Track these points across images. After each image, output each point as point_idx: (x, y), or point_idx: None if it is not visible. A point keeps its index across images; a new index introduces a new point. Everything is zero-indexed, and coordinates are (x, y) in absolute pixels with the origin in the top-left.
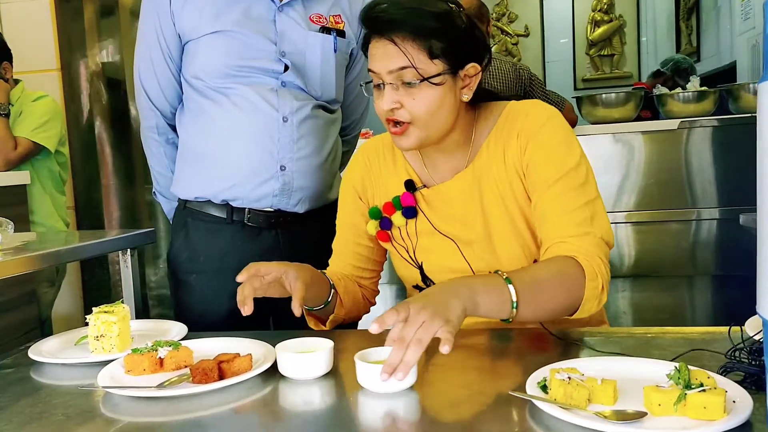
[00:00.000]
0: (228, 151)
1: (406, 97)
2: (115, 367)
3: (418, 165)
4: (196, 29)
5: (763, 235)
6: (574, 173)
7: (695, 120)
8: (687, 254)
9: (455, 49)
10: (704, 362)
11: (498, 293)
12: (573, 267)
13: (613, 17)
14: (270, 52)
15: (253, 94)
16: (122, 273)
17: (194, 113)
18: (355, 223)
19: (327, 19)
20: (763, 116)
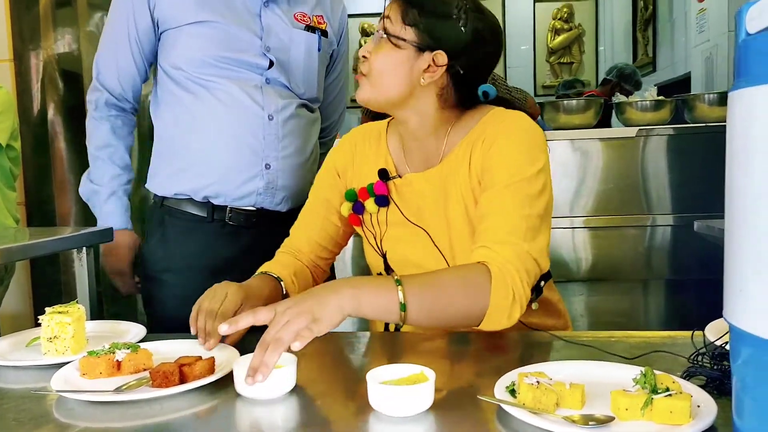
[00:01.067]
0: (211, 148)
1: (374, 49)
2: (70, 370)
3: (398, 154)
4: (178, 18)
5: (730, 243)
6: (527, 183)
7: (652, 128)
8: (642, 259)
9: (431, 30)
10: (667, 366)
11: (385, 293)
12: (480, 274)
13: (572, 26)
14: (255, 45)
15: (237, 90)
16: (77, 272)
17: (171, 106)
18: (329, 199)
19: (310, 18)
20: (734, 124)
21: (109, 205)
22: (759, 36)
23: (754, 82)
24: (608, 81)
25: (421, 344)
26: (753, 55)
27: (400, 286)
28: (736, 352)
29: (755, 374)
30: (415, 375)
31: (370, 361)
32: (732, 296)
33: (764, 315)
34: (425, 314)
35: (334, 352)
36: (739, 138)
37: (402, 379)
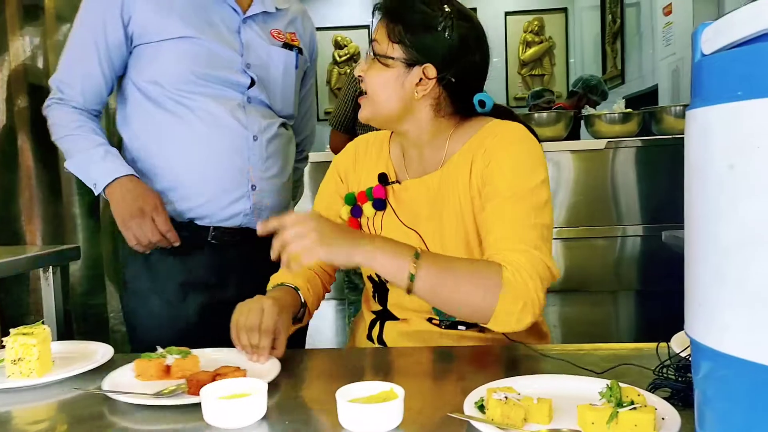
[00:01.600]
0: (196, 169)
1: (367, 69)
2: (126, 371)
3: (398, 161)
4: (157, 32)
5: (690, 258)
6: (531, 194)
7: (621, 140)
8: (612, 270)
9: (417, 45)
10: (633, 378)
11: (399, 259)
12: (493, 274)
13: (543, 39)
14: (236, 62)
15: (220, 109)
16: (44, 291)
17: (147, 124)
18: (332, 204)
19: (285, 36)
20: (691, 143)
21: (108, 161)
22: (714, 57)
23: (709, 101)
24: (575, 93)
25: (396, 361)
26: (708, 75)
27: (416, 260)
28: (697, 366)
29: (716, 387)
30: (385, 392)
31: (342, 378)
32: (692, 311)
33: (724, 329)
34: (430, 291)
35: (309, 368)
36: (696, 156)
37: (371, 397)
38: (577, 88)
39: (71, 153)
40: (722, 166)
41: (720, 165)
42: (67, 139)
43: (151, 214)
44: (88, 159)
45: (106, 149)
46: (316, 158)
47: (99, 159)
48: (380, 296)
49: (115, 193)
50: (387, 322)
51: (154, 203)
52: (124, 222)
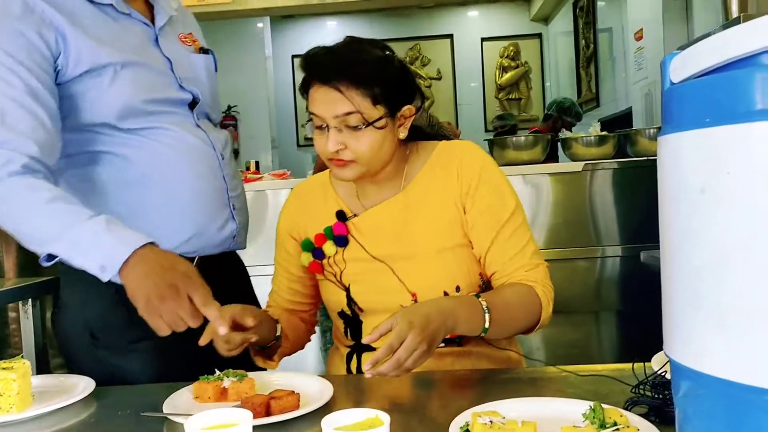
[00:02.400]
0: (179, 202)
1: (350, 139)
2: (184, 393)
3: (349, 196)
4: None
5: (666, 280)
6: (517, 213)
7: (597, 162)
8: (593, 291)
9: (394, 93)
10: (614, 397)
11: (476, 322)
12: (533, 296)
13: (519, 63)
14: (171, 80)
15: (182, 132)
16: (23, 325)
17: (107, 164)
18: (288, 260)
19: (188, 37)
20: (663, 168)
21: (115, 233)
22: (682, 85)
23: (679, 128)
24: (550, 116)
25: (381, 388)
26: (677, 102)
27: (488, 314)
28: (676, 386)
29: (695, 407)
30: (370, 419)
31: (328, 406)
32: (670, 331)
33: (700, 350)
34: (497, 332)
35: None
36: (669, 181)
37: (357, 424)
38: (552, 111)
39: (49, 235)
40: (694, 190)
41: (692, 189)
42: (42, 218)
43: (186, 290)
44: (83, 237)
45: (107, 218)
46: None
47: (101, 231)
48: (353, 331)
49: (133, 272)
50: (363, 353)
51: (189, 277)
52: (151, 305)
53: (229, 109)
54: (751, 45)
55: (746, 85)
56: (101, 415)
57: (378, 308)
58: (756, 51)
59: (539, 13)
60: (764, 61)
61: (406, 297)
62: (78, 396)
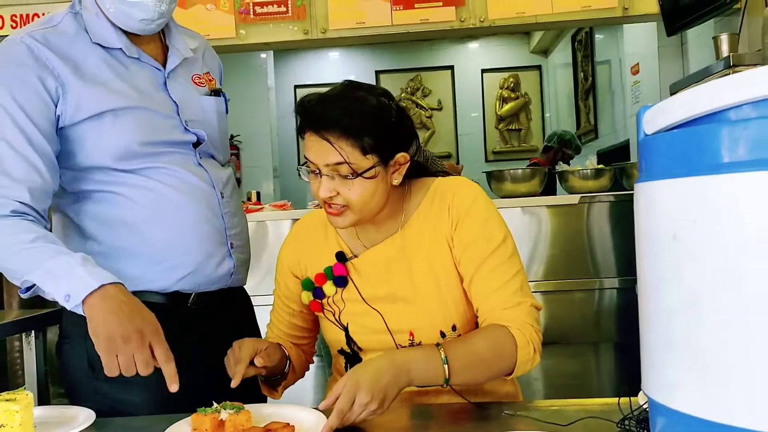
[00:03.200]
0: (174, 237)
1: (342, 186)
2: (183, 425)
3: (349, 236)
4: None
5: (642, 321)
6: (503, 247)
7: (594, 195)
8: (591, 322)
9: (386, 142)
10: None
11: (434, 372)
12: (506, 337)
13: (519, 95)
14: (176, 124)
15: (182, 171)
16: (25, 356)
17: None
18: (289, 295)
19: (203, 78)
20: (639, 214)
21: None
22: (655, 137)
23: (652, 177)
24: (550, 148)
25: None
26: (650, 153)
27: (446, 363)
28: (653, 422)
29: None
30: None
31: None
32: (647, 370)
33: (674, 388)
34: (464, 380)
35: None
36: (644, 226)
37: None
38: (552, 143)
39: (29, 267)
40: (666, 236)
41: (664, 235)
42: (20, 256)
43: (150, 339)
44: (58, 267)
45: (83, 256)
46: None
47: (76, 265)
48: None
49: (99, 306)
50: None
51: (155, 327)
52: (112, 343)
53: (232, 139)
54: (717, 102)
55: (712, 139)
56: None
57: (376, 347)
58: (721, 108)
59: (539, 46)
60: (730, 116)
61: (403, 336)
62: (78, 427)
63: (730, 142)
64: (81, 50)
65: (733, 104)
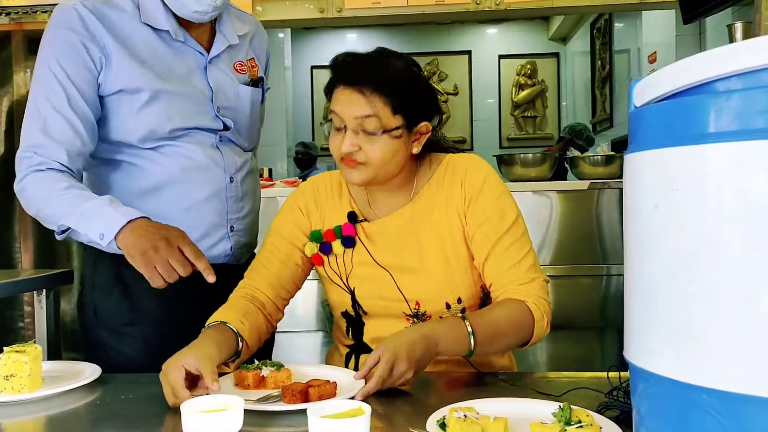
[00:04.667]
0: (176, 214)
1: (365, 142)
2: (226, 381)
3: (362, 201)
4: (127, 86)
5: (626, 289)
6: (516, 226)
7: (604, 182)
8: (597, 307)
9: (413, 107)
10: (589, 401)
11: (461, 345)
12: (524, 311)
13: (535, 81)
14: (207, 109)
15: (199, 153)
16: (36, 313)
17: (114, 168)
18: (292, 239)
19: (246, 66)
20: (626, 184)
21: (117, 207)
22: (643, 109)
23: (640, 148)
24: (563, 138)
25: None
26: (638, 124)
27: (472, 337)
28: (634, 387)
29: (648, 405)
30: (353, 410)
31: None
32: (629, 337)
33: (653, 352)
34: (486, 350)
35: None
36: (630, 196)
37: (340, 414)
38: (564, 134)
39: (63, 212)
40: (649, 205)
41: (648, 204)
42: (56, 202)
43: (177, 243)
44: (89, 210)
45: (110, 198)
46: None
47: (105, 205)
48: (355, 331)
49: (130, 236)
50: (362, 354)
51: (179, 232)
52: (146, 256)
53: None
54: (704, 73)
55: (698, 111)
56: (106, 399)
57: (381, 313)
58: (709, 79)
59: (557, 33)
60: (717, 87)
61: (410, 305)
62: (84, 381)
63: (715, 112)
64: (129, 26)
65: (719, 76)
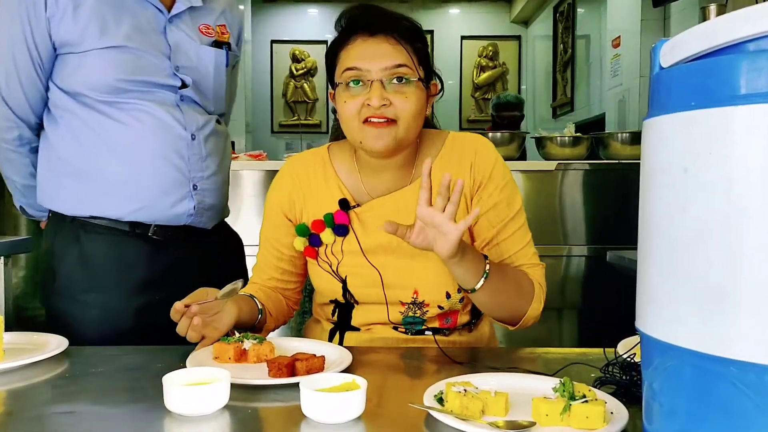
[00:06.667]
0: (136, 171)
1: (395, 95)
2: (204, 353)
3: (353, 182)
4: (81, 43)
5: (642, 257)
6: (520, 214)
7: (570, 163)
8: (557, 288)
9: (428, 61)
10: (581, 377)
11: (472, 274)
12: (529, 285)
13: (497, 64)
14: (164, 67)
15: (157, 109)
16: None
17: (75, 125)
18: (279, 238)
19: (215, 30)
20: (647, 149)
21: None
22: (671, 70)
23: (666, 111)
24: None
25: (359, 358)
26: (665, 86)
27: (487, 262)
28: (647, 359)
29: (664, 379)
30: (347, 383)
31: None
32: (643, 305)
33: (672, 322)
34: (490, 292)
35: None
36: (653, 161)
37: (334, 387)
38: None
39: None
40: (677, 169)
41: (675, 168)
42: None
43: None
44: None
45: None
46: (272, 166)
47: None
48: (342, 314)
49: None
50: (347, 332)
51: None
52: None
53: None
54: (737, 33)
55: (731, 71)
56: (74, 372)
57: (375, 300)
58: (742, 39)
59: (520, 15)
60: (749, 48)
61: (407, 293)
62: (50, 353)
63: (749, 72)
64: None
65: (753, 35)
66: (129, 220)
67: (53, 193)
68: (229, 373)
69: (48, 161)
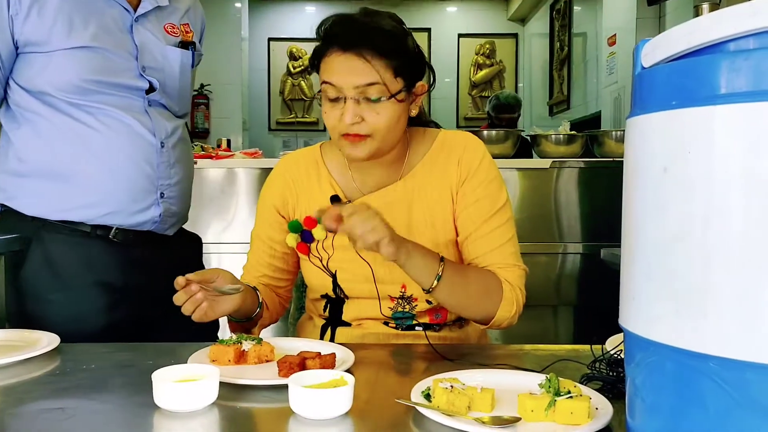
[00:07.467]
0: (103, 177)
1: (368, 111)
2: (201, 356)
3: (344, 179)
4: (47, 43)
5: (624, 255)
6: (504, 210)
7: (565, 161)
8: (553, 285)
9: (411, 67)
10: (570, 373)
11: (430, 261)
12: (496, 286)
13: (494, 62)
14: (131, 67)
15: (125, 115)
16: None
17: (42, 129)
18: (272, 236)
19: (179, 29)
20: (630, 148)
21: None
22: (652, 69)
23: (647, 110)
24: (490, 116)
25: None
26: (646, 86)
27: (442, 264)
28: (630, 356)
29: (645, 375)
30: (335, 380)
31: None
32: (626, 303)
33: (652, 319)
34: (448, 291)
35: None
36: (635, 160)
37: (322, 384)
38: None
39: None
40: (657, 168)
41: (655, 168)
42: None
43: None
44: None
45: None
46: (268, 164)
47: None
48: (333, 309)
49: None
50: (338, 328)
51: None
52: None
53: (202, 88)
54: (717, 33)
55: (711, 71)
56: (66, 368)
57: (365, 295)
58: (722, 39)
59: (516, 13)
60: (730, 48)
61: (395, 288)
62: (42, 349)
63: (729, 72)
64: None
65: (733, 35)
66: (95, 224)
67: (14, 192)
68: (218, 370)
69: (6, 160)
